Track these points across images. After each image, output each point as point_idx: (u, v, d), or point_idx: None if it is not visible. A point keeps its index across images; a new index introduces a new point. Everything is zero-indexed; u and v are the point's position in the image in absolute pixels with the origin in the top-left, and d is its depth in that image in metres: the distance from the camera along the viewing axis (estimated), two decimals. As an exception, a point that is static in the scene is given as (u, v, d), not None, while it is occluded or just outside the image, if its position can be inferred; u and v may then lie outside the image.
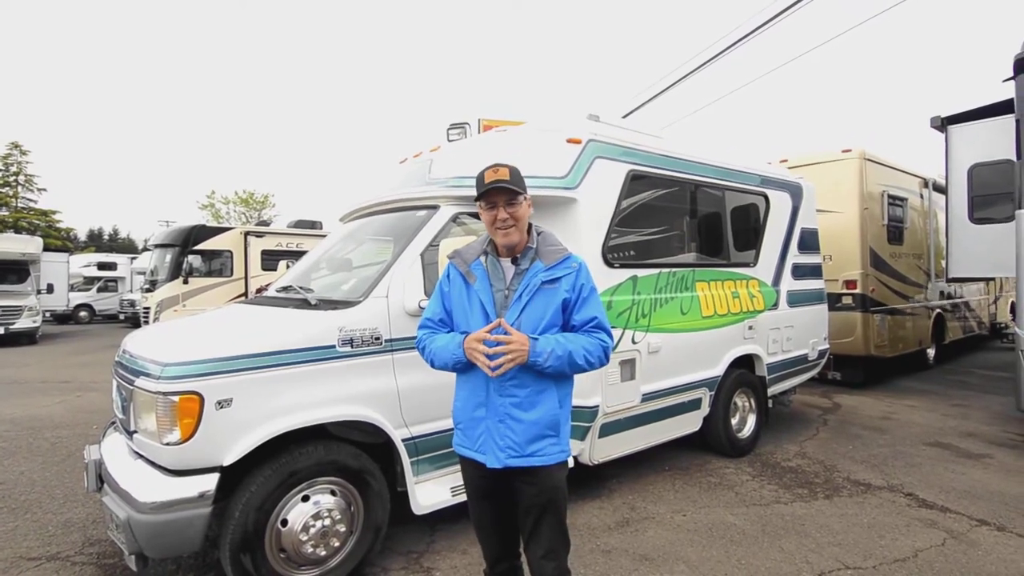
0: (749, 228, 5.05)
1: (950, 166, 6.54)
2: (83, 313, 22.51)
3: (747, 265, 4.94)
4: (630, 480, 4.19)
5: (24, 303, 14.69)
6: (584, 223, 3.63)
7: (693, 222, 4.56)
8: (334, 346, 2.74)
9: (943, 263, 7.63)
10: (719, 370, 4.52)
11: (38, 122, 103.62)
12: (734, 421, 4.78)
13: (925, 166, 8.87)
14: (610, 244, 3.79)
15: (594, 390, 3.52)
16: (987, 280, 10.77)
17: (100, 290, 23.71)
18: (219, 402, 2.41)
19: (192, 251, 12.61)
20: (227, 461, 2.42)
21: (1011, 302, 11.76)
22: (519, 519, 1.93)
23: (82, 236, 55.78)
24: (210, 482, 2.40)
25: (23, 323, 14.49)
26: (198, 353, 2.49)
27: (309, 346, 2.68)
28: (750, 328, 4.79)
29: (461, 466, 2.03)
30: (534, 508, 1.86)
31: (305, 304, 3.01)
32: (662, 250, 4.29)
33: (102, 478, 2.75)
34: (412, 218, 3.36)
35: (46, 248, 18.19)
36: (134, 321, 17.29)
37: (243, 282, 13.03)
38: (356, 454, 2.79)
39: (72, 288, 21.50)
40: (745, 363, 4.87)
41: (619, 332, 3.68)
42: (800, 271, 5.46)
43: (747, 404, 4.93)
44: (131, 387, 2.56)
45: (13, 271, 15.27)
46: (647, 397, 3.92)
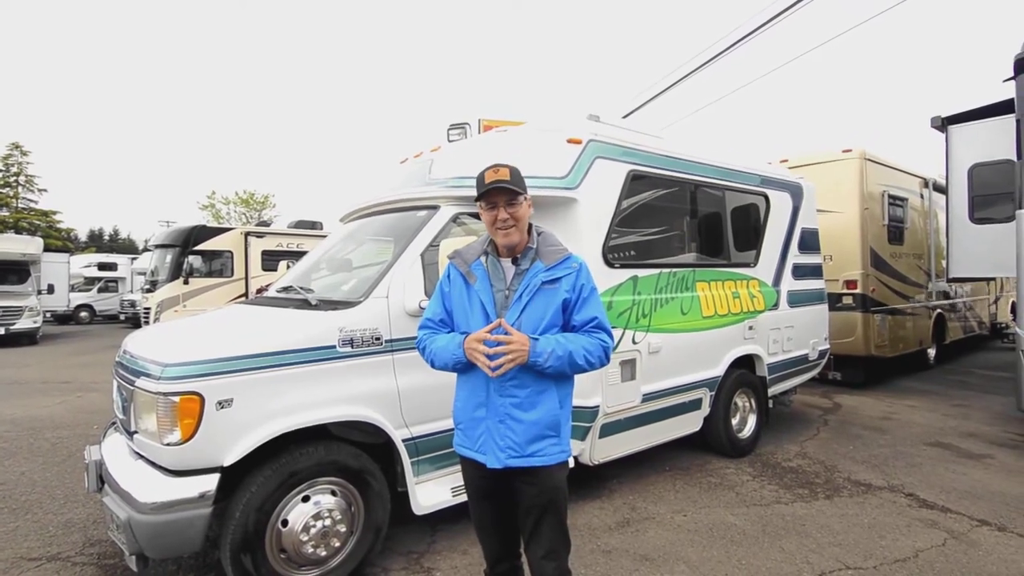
0: (749, 228, 5.05)
1: (950, 166, 6.54)
2: (84, 313, 22.55)
3: (747, 265, 4.94)
4: (631, 480, 4.19)
5: (25, 304, 14.71)
6: (584, 223, 3.63)
7: (693, 222, 4.56)
8: (334, 346, 2.74)
9: (943, 263, 7.63)
10: (719, 370, 4.52)
11: (38, 123, 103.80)
12: (734, 421, 4.78)
13: (925, 166, 8.88)
14: (610, 244, 3.79)
15: (594, 390, 3.52)
16: (987, 280, 10.76)
17: (101, 290, 23.75)
18: (219, 402, 2.41)
19: (192, 251, 12.63)
20: (227, 461, 2.42)
21: (1012, 302, 11.77)
22: (519, 519, 1.92)
23: (83, 236, 55.87)
24: (211, 482, 2.40)
25: (24, 323, 14.52)
26: (199, 353, 2.49)
27: (309, 346, 2.68)
28: (750, 328, 4.79)
29: (461, 466, 2.03)
30: (535, 508, 1.86)
31: (305, 304, 3.02)
32: (662, 250, 4.29)
33: (103, 478, 2.76)
34: (412, 218, 3.37)
35: (47, 248, 18.22)
36: (134, 321, 17.33)
37: (243, 282, 13.04)
38: (357, 454, 2.79)
39: (73, 288, 21.54)
40: (746, 363, 4.87)
41: (619, 332, 3.68)
42: (800, 271, 5.46)
43: (747, 404, 4.93)
44: (132, 387, 2.56)
45: (14, 272, 15.28)
46: (647, 397, 3.92)
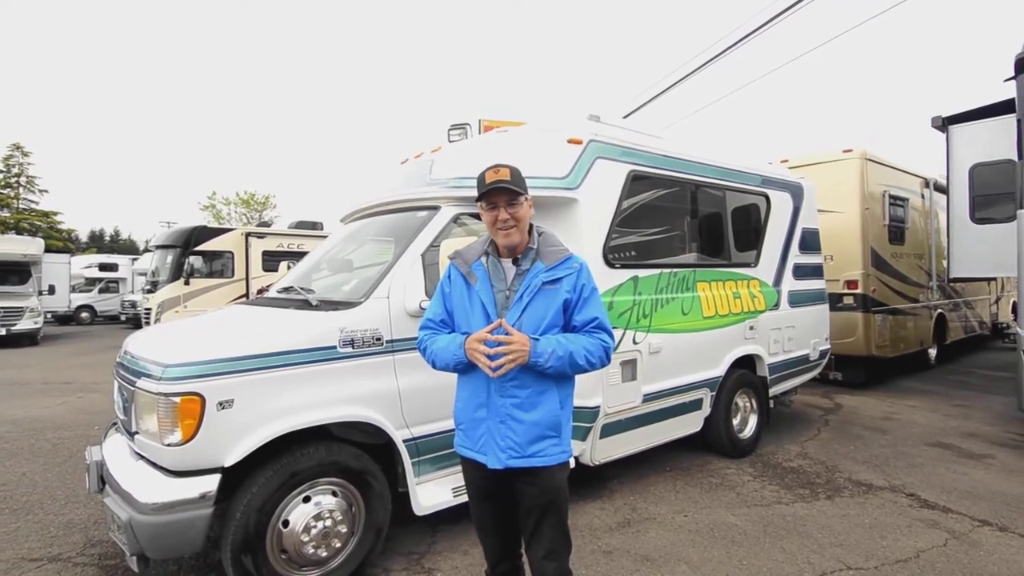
0: (750, 228, 5.05)
1: (951, 166, 6.54)
2: (84, 314, 22.57)
3: (748, 265, 4.94)
4: (631, 481, 4.19)
5: (26, 304, 14.74)
6: (585, 223, 3.63)
7: (694, 222, 4.56)
8: (335, 347, 2.74)
9: (944, 263, 7.63)
10: (720, 370, 4.52)
11: (39, 123, 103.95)
12: (735, 421, 4.77)
13: (926, 166, 8.88)
14: (611, 244, 3.79)
15: (595, 390, 3.52)
16: (988, 280, 10.75)
17: (101, 291, 23.78)
18: (220, 403, 2.41)
19: (193, 252, 12.65)
20: (228, 462, 2.42)
21: (1013, 302, 11.76)
22: (520, 520, 1.92)
23: (83, 237, 55.91)
24: (211, 483, 2.40)
25: (25, 324, 14.54)
26: (199, 354, 2.49)
27: (310, 347, 2.68)
28: (751, 328, 4.79)
29: (462, 467, 2.03)
30: (535, 509, 1.86)
31: (306, 305, 3.02)
32: (663, 250, 4.28)
33: (104, 479, 2.76)
34: (413, 219, 3.37)
35: (47, 249, 18.25)
36: (135, 322, 17.36)
37: (244, 283, 13.05)
38: (357, 455, 2.79)
39: (73, 289, 21.59)
40: (746, 363, 4.87)
41: (620, 332, 3.68)
42: (801, 271, 5.46)
43: (748, 404, 4.92)
44: (132, 388, 2.56)
45: (15, 272, 15.30)
46: (648, 397, 3.92)
